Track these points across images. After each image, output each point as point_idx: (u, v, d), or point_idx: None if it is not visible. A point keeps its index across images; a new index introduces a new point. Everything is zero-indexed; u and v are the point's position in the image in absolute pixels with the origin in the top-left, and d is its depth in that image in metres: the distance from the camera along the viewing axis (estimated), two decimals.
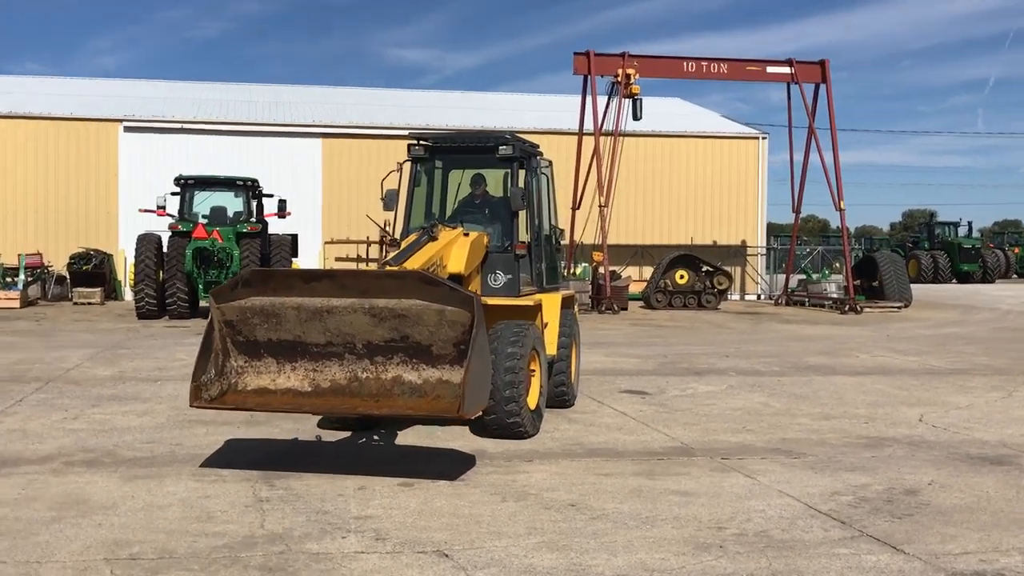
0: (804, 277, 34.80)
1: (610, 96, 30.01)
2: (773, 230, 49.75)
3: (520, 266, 10.26)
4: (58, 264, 30.50)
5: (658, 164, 36.13)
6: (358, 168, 33.15)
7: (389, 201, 10.45)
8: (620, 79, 29.29)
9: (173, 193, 24.93)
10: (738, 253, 36.74)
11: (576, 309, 12.14)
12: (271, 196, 25.95)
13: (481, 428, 9.37)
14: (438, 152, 10.75)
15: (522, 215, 10.41)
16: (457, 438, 9.44)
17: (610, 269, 29.75)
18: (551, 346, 10.55)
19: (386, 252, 21.82)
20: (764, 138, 37.05)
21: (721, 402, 12.01)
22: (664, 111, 39.51)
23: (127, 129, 32.35)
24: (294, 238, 25.79)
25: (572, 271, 31.00)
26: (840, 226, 32.92)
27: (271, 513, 6.81)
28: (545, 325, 10.43)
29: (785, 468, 8.43)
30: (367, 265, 24.65)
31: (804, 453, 9.06)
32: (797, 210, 33.47)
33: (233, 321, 7.99)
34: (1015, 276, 58.18)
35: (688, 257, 31.37)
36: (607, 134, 29.50)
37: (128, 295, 30.16)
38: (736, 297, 36.28)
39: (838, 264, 36.56)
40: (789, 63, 31.34)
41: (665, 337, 21.10)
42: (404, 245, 9.47)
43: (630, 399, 12.13)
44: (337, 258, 27.03)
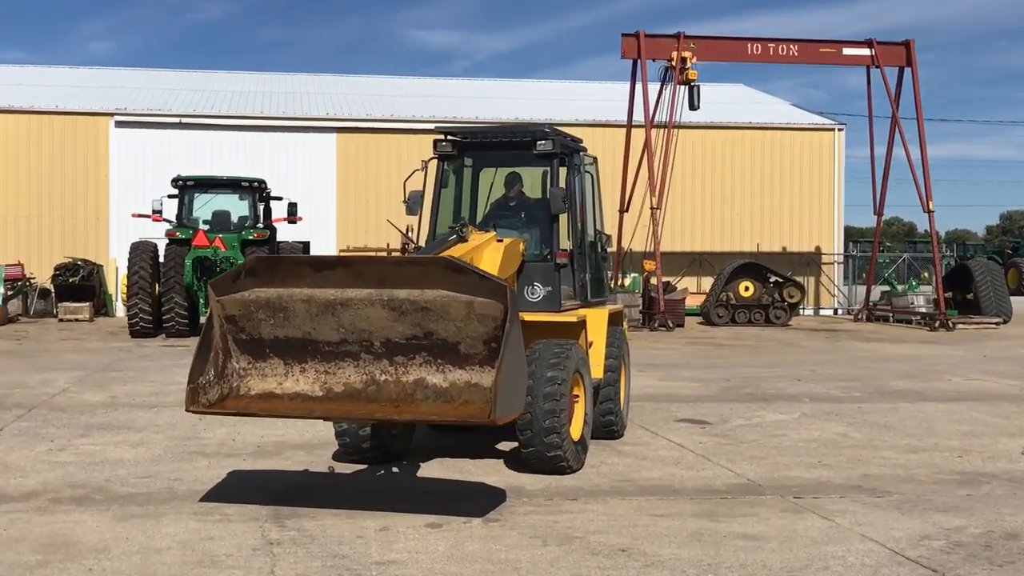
0: (888, 289, 34.58)
1: (663, 83, 30.04)
2: (852, 235, 49.41)
3: (561, 277, 10.28)
4: (41, 276, 30.96)
5: (718, 160, 36.07)
6: (377, 167, 33.38)
7: (413, 204, 10.52)
8: (675, 63, 29.31)
9: (170, 196, 25.22)
10: (811, 262, 36.56)
11: (625, 326, 12.15)
12: (279, 199, 26.19)
13: (518, 462, 9.40)
14: (468, 148, 10.81)
15: (563, 219, 10.43)
16: (491, 472, 9.47)
17: (664, 280, 29.73)
18: (597, 369, 10.56)
19: None
20: (840, 129, 36.90)
21: (793, 433, 11.96)
22: (725, 99, 39.44)
23: (118, 124, 32.81)
24: (305, 246, 26.04)
25: (620, 282, 30.95)
26: (929, 230, 32.68)
27: (282, 558, 6.87)
28: (590, 344, 10.44)
29: (867, 508, 8.38)
30: None
31: (889, 491, 9.00)
32: (879, 212, 33.27)
33: (235, 316, 7.97)
34: None
35: (753, 266, 31.32)
36: (660, 126, 29.49)
37: (120, 311, 30.51)
38: (809, 312, 36.10)
39: (927, 274, 36.34)
40: (869, 44, 31.20)
41: (727, 358, 21.05)
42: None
43: (688, 429, 12.10)
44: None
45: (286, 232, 26.85)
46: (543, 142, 10.18)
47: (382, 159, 33.48)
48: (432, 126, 11.80)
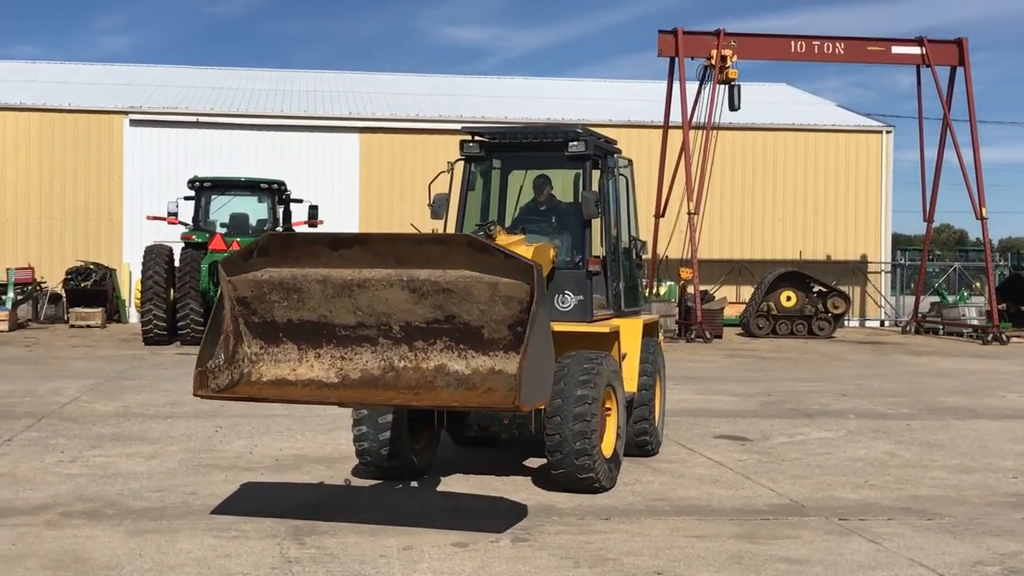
0: (938, 300, 34.40)
1: (702, 82, 30.04)
2: (900, 243, 49.16)
3: (593, 285, 10.24)
4: (52, 280, 31.18)
5: (759, 163, 35.97)
6: (401, 168, 33.49)
7: (438, 208, 10.52)
8: (714, 62, 29.31)
9: (187, 198, 25.38)
10: (857, 270, 36.42)
11: (661, 337, 12.12)
12: (300, 201, 26.31)
13: (547, 479, 9.38)
14: (496, 149, 10.80)
15: (596, 224, 10.40)
16: (519, 490, 9.46)
17: (701, 289, 29.69)
18: (630, 382, 10.53)
19: None
20: (889, 132, 36.74)
21: (838, 451, 11.89)
22: (767, 99, 39.34)
23: (133, 123, 33.07)
24: None
25: (656, 291, 30.91)
26: (982, 238, 32.45)
27: None
28: (623, 357, 10.41)
29: (916, 532, 8.31)
30: None
31: (939, 514, 8.93)
32: (929, 219, 33.10)
33: (247, 298, 7.92)
34: None
35: (796, 275, 31.27)
36: (698, 127, 29.47)
37: (133, 317, 30.71)
38: (855, 323, 35.95)
39: (979, 284, 36.08)
40: (919, 42, 31.08)
41: (768, 371, 20.99)
42: None
43: (727, 446, 12.06)
44: None
45: None
46: (575, 143, 10.16)
47: (407, 160, 33.58)
48: (459, 126, 11.79)
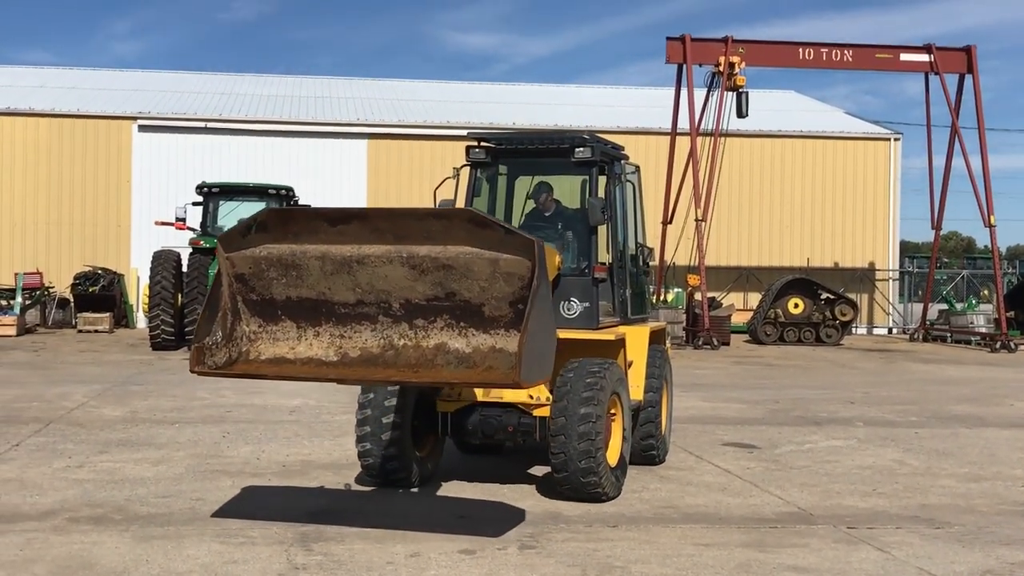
0: (946, 307, 34.31)
1: (710, 89, 29.96)
2: (908, 250, 49.09)
3: (599, 292, 10.22)
4: (61, 285, 31.24)
5: (767, 170, 35.93)
6: (409, 174, 33.50)
7: None
8: (722, 68, 29.24)
9: (194, 203, 25.40)
10: (865, 278, 36.35)
11: (668, 345, 12.09)
12: (308, 207, 26.30)
13: (553, 487, 9.35)
14: (502, 155, 10.79)
15: (602, 231, 10.39)
16: (525, 497, 9.44)
17: (709, 296, 29.65)
18: (637, 390, 10.51)
19: None
20: (897, 139, 36.67)
21: (846, 459, 11.86)
22: (775, 106, 39.30)
23: (142, 128, 33.11)
24: None
25: (663, 298, 30.87)
26: (990, 246, 32.37)
27: None
28: (630, 364, 10.39)
29: (925, 540, 8.28)
30: None
31: (948, 522, 8.90)
32: (937, 226, 33.03)
33: (245, 275, 7.87)
34: None
35: (804, 282, 31.24)
36: (706, 134, 29.46)
37: (141, 322, 30.76)
38: (862, 331, 35.87)
39: (987, 292, 35.98)
40: (928, 49, 31.02)
41: (776, 378, 20.95)
42: None
43: (735, 454, 12.03)
44: None
45: None
46: (581, 149, 10.14)
47: (414, 166, 33.59)
48: (465, 132, 11.76)
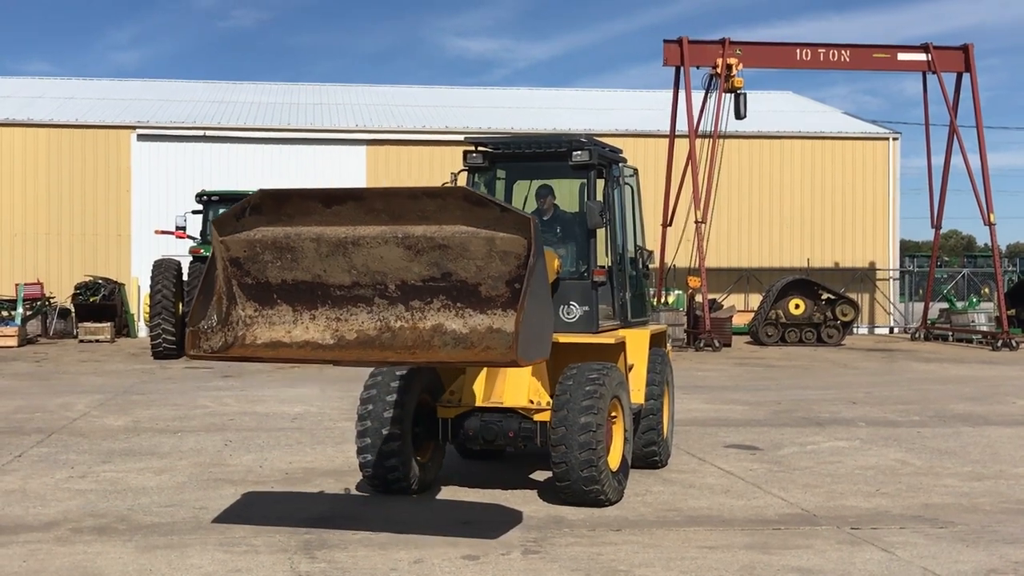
0: (947, 306, 34.28)
1: (708, 91, 29.96)
2: (908, 249, 49.08)
3: (599, 296, 10.22)
4: (61, 295, 31.20)
5: (766, 171, 35.91)
6: (408, 180, 33.42)
7: None
8: (720, 70, 29.23)
9: (194, 211, 25.41)
10: (865, 278, 36.34)
11: (669, 347, 12.09)
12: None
13: (555, 493, 9.34)
14: (500, 160, 10.77)
15: (601, 234, 10.38)
16: (528, 501, 9.44)
17: (710, 297, 29.63)
18: (638, 394, 10.50)
19: None
20: (895, 138, 36.65)
21: (849, 459, 11.85)
22: (773, 107, 39.33)
23: (140, 137, 33.09)
24: None
25: (663, 300, 30.87)
26: (990, 244, 32.37)
27: None
28: (630, 368, 10.38)
29: (929, 540, 8.28)
30: None
31: (952, 522, 8.89)
32: (937, 225, 33.02)
33: (240, 259, 7.82)
34: None
35: (804, 283, 31.19)
36: (704, 136, 29.44)
37: (143, 331, 30.74)
38: (863, 330, 35.85)
39: (988, 290, 35.93)
40: (925, 48, 31.03)
41: (778, 379, 20.94)
42: None
43: (737, 455, 12.02)
44: None
45: None
46: (579, 152, 10.12)
47: (413, 172, 33.58)
48: (464, 137, 11.76)
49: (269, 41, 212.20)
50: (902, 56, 31.32)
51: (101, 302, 30.08)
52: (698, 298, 29.08)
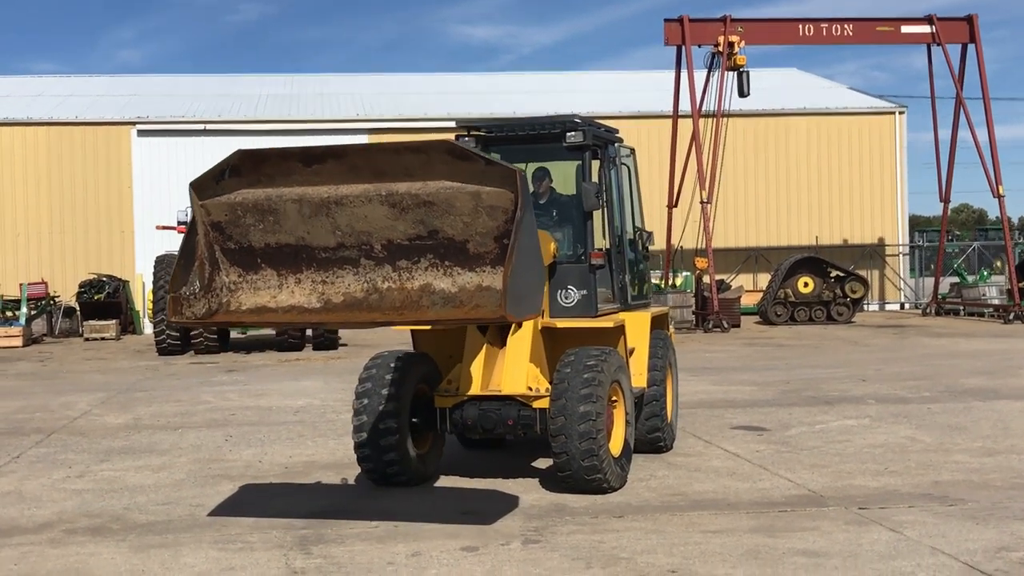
0: (957, 281, 34.09)
1: (710, 70, 29.85)
2: (917, 224, 48.86)
3: (597, 279, 10.06)
4: (66, 294, 31.16)
5: (772, 149, 35.74)
6: None
7: None
8: (722, 48, 29.15)
9: None
10: (874, 254, 36.18)
11: (671, 330, 11.92)
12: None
13: (557, 481, 9.19)
14: (493, 143, 10.61)
15: (597, 216, 10.23)
16: (530, 490, 9.30)
17: (717, 278, 29.55)
18: (639, 378, 10.34)
19: None
20: (902, 112, 36.44)
21: (858, 438, 11.69)
22: (776, 84, 39.07)
23: (141, 133, 33.03)
24: None
25: (672, 282, 30.78)
26: (1000, 216, 32.13)
27: None
28: (631, 351, 10.23)
29: (939, 519, 8.12)
30: None
31: (962, 499, 8.73)
32: (946, 199, 32.79)
33: (221, 223, 7.62)
34: None
35: (813, 261, 31.08)
36: (708, 115, 29.30)
37: (148, 328, 30.67)
38: (874, 307, 35.71)
39: (999, 263, 35.75)
40: (929, 20, 30.82)
41: (787, 359, 20.79)
42: None
43: (744, 437, 11.87)
44: None
45: None
46: (573, 134, 9.97)
47: None
48: (456, 122, 11.60)
49: (274, 35, 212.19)
50: (906, 28, 31.09)
51: (106, 300, 30.06)
52: (706, 279, 28.98)
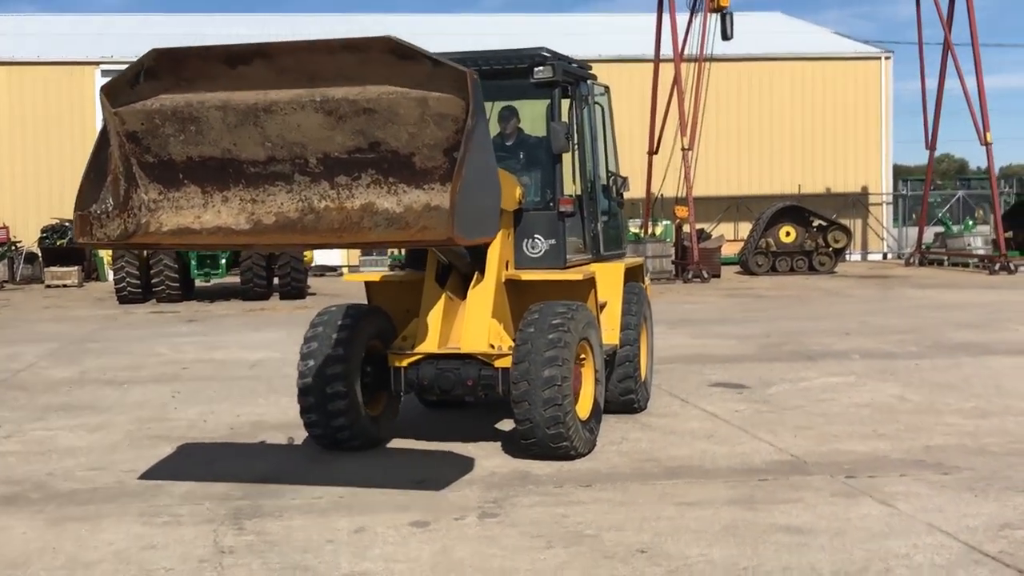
0: (942, 230, 33.64)
1: (693, 11, 29.21)
2: (901, 173, 48.33)
3: (567, 228, 9.26)
4: (28, 239, 30.29)
5: (755, 95, 35.14)
6: None
7: None
8: None
9: None
10: (858, 203, 35.74)
11: (647, 282, 11.18)
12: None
13: (521, 446, 8.47)
14: None
15: (567, 159, 9.45)
16: (492, 455, 8.60)
17: (698, 227, 29.05)
18: (611, 333, 9.60)
19: None
20: (887, 58, 35.88)
21: (843, 396, 11.04)
22: (761, 28, 38.30)
23: (105, 73, 31.87)
24: None
25: (651, 231, 30.30)
26: (983, 167, 31.55)
27: (232, 571, 6.02)
28: (603, 306, 9.48)
29: (933, 489, 7.46)
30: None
31: (957, 466, 8.08)
32: (932, 147, 32.16)
33: (137, 133, 6.81)
34: None
35: (795, 209, 30.49)
36: (690, 60, 28.61)
37: (111, 275, 29.87)
38: (856, 257, 35.32)
39: (982, 212, 35.27)
40: None
41: (768, 310, 20.22)
42: None
43: (723, 395, 11.21)
44: None
45: None
46: (541, 68, 9.14)
47: None
48: None
49: None
50: None
51: (68, 245, 29.22)
52: (686, 228, 28.45)
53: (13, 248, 29.87)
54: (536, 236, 9.16)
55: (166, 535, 6.67)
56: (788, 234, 29.90)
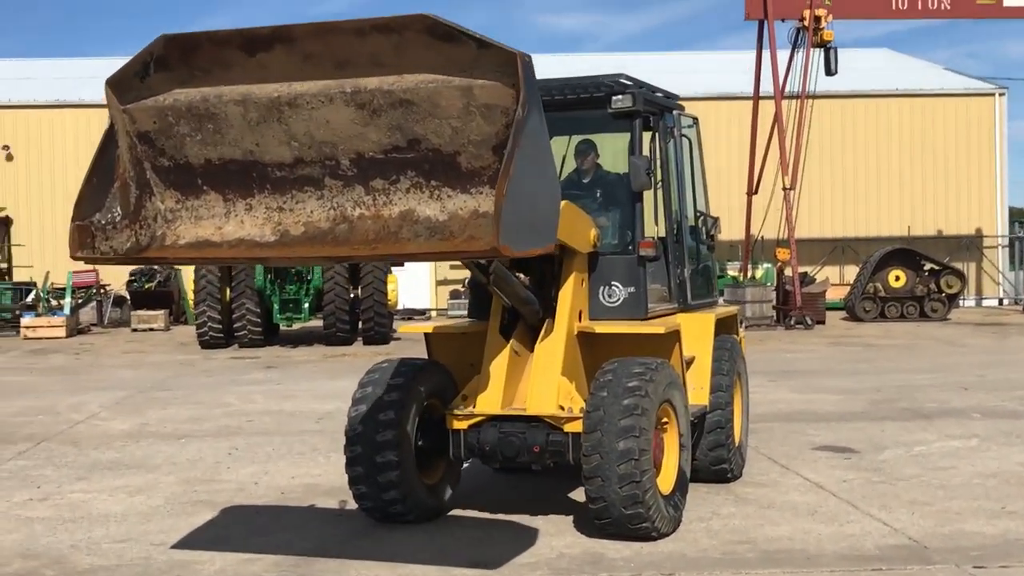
0: None
1: (795, 47, 28.45)
2: (1017, 215, 46.80)
3: (649, 273, 8.28)
4: (117, 283, 30.19)
5: (861, 133, 34.20)
6: None
7: None
8: (807, 23, 27.68)
9: None
10: (971, 246, 34.55)
11: (742, 333, 10.13)
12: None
13: (593, 525, 7.47)
14: None
15: (649, 198, 8.51)
16: (562, 531, 7.63)
17: (801, 271, 28.23)
18: (700, 393, 8.57)
19: None
20: (1002, 94, 34.69)
21: (964, 464, 9.86)
22: (867, 65, 37.13)
23: None
24: None
25: (751, 274, 29.40)
26: None
27: None
28: (690, 362, 8.46)
29: None
30: None
31: None
32: None
33: (150, 133, 5.99)
34: None
35: (905, 252, 29.49)
36: (791, 96, 27.70)
37: None
38: (970, 303, 34.11)
39: None
40: None
41: (877, 361, 19.09)
42: None
43: (829, 460, 10.10)
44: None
45: None
46: (620, 97, 8.19)
47: None
48: None
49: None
50: (1008, 2, 29.13)
51: (156, 289, 29.12)
52: (788, 271, 27.55)
53: (101, 291, 29.77)
54: (614, 283, 8.17)
55: None
56: (898, 278, 28.75)
